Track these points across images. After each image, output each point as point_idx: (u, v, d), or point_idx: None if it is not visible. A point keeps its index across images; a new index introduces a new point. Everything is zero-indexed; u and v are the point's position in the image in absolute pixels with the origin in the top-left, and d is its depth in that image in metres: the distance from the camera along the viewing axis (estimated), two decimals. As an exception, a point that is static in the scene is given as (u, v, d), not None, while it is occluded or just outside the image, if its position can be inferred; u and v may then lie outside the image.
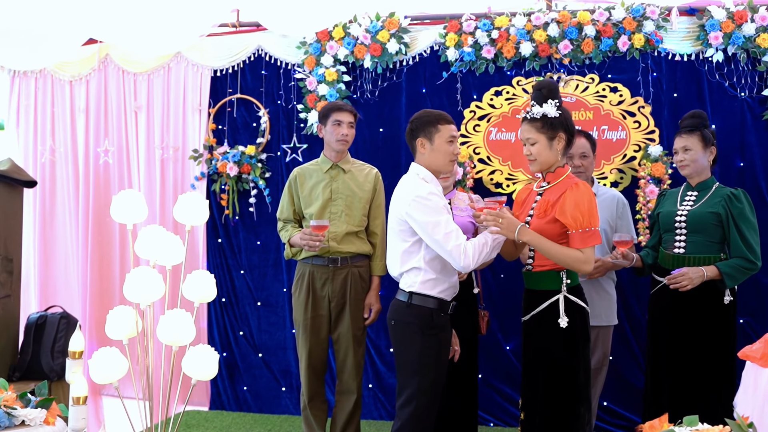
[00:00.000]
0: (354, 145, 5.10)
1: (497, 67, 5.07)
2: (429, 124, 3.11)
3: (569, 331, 2.95)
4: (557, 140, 3.05)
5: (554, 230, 3.00)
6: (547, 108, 3.00)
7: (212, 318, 5.52)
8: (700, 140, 3.63)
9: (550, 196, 3.06)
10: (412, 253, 3.08)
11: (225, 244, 5.52)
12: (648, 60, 4.86)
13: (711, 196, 3.64)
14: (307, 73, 5.29)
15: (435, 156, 3.11)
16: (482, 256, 2.97)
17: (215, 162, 5.40)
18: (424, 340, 3.03)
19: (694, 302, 3.53)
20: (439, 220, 2.95)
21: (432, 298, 3.07)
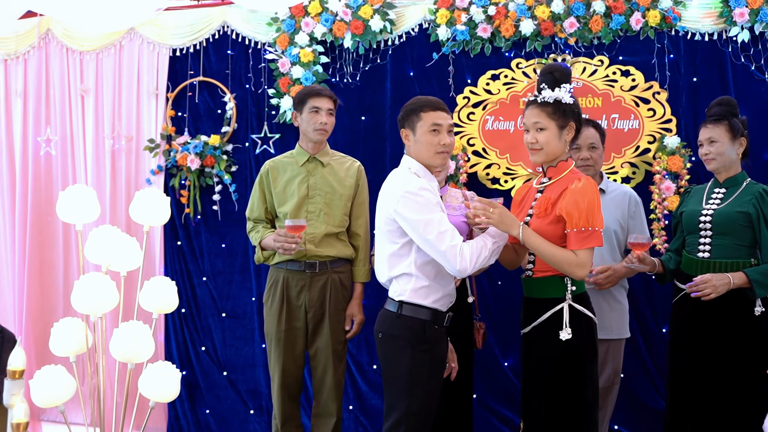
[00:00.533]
0: (333, 135, 5.02)
1: (494, 48, 5.07)
2: (412, 112, 3.14)
3: (574, 345, 2.96)
4: (567, 130, 3.07)
5: (556, 232, 3.01)
6: (560, 93, 3.03)
7: (170, 331, 5.50)
8: (727, 131, 3.65)
9: (551, 193, 3.07)
10: (402, 257, 3.09)
11: (185, 247, 5.51)
12: (664, 40, 4.87)
13: (741, 194, 3.64)
14: (280, 53, 5.27)
15: (419, 148, 3.12)
16: (480, 259, 2.97)
17: (174, 154, 5.39)
18: (415, 356, 3.02)
19: (721, 313, 3.52)
20: (432, 218, 2.95)
21: (425, 308, 3.06)
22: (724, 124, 3.65)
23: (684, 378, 3.62)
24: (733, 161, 3.68)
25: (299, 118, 4.07)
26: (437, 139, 3.11)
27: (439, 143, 3.11)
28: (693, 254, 3.64)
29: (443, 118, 3.13)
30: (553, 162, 3.10)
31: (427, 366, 3.04)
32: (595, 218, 2.95)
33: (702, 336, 3.57)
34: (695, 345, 3.59)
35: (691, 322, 3.61)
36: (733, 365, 3.50)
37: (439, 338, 3.11)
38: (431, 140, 3.10)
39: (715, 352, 3.54)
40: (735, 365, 3.50)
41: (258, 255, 4.08)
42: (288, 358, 4.00)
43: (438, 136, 3.11)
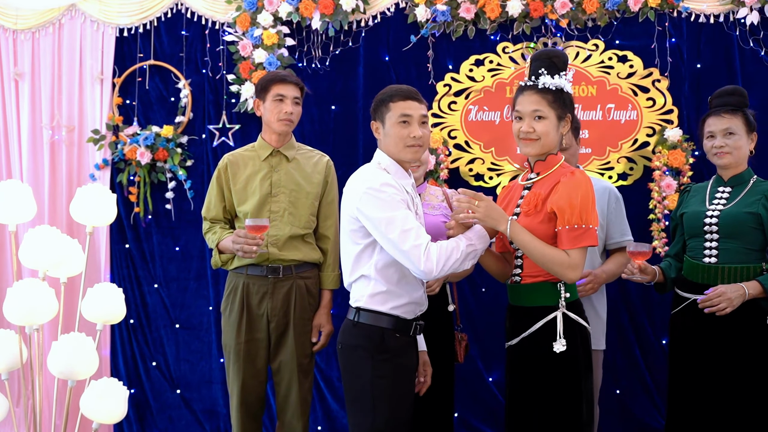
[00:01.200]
0: (300, 127, 5.06)
1: (478, 30, 5.09)
2: (381, 103, 3.16)
3: (569, 358, 2.96)
4: (564, 122, 3.10)
5: (547, 231, 3.02)
6: (562, 81, 3.07)
7: (117, 344, 5.45)
8: (744, 123, 3.66)
9: (541, 189, 3.07)
10: (364, 259, 3.11)
11: (134, 250, 5.47)
12: (665, 22, 4.90)
13: (748, 193, 3.65)
14: (240, 34, 5.25)
15: (388, 142, 3.15)
16: (450, 262, 2.97)
17: (122, 146, 5.34)
18: (374, 367, 3.03)
19: (731, 324, 3.52)
20: (394, 215, 2.96)
21: (383, 315, 3.07)
22: (740, 115, 3.65)
23: (687, 395, 3.63)
24: (745, 157, 3.71)
25: (262, 107, 4.05)
26: (407, 131, 3.11)
27: (408, 136, 3.11)
28: (697, 259, 3.66)
29: (414, 108, 3.12)
30: (542, 156, 3.12)
31: (389, 378, 3.03)
32: (590, 215, 2.97)
33: (709, 349, 3.58)
34: (701, 359, 3.59)
35: (697, 334, 3.61)
36: (744, 381, 3.51)
37: (403, 347, 3.10)
38: (400, 132, 3.11)
39: (724, 366, 3.54)
40: (746, 381, 3.51)
41: (215, 259, 4.07)
42: (248, 373, 3.99)
43: (408, 128, 3.11)
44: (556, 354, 2.95)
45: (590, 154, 4.95)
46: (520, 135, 3.10)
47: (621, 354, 4.93)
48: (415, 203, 3.18)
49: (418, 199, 3.26)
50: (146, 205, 5.41)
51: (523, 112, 3.08)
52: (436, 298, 3.71)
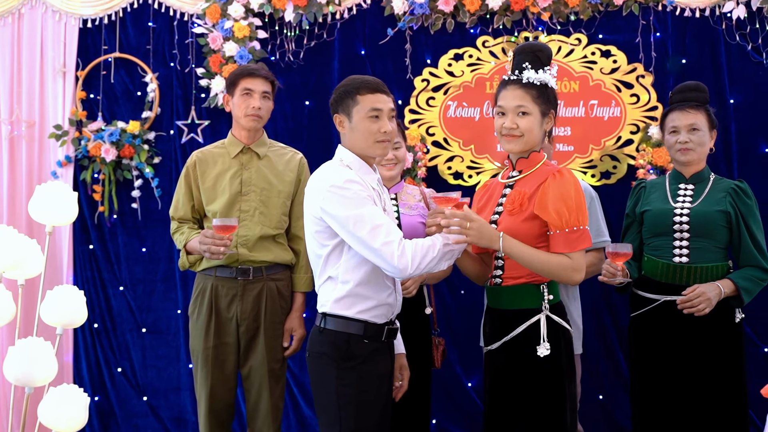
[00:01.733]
0: (272, 123, 5.12)
1: (458, 24, 5.07)
2: (346, 95, 3.08)
3: (553, 362, 2.95)
4: (548, 119, 3.08)
5: (532, 231, 2.99)
6: (546, 76, 3.06)
7: (80, 350, 5.41)
8: (707, 119, 3.71)
9: (524, 187, 3.05)
10: (331, 261, 3.06)
11: (99, 251, 5.43)
12: (650, 16, 4.91)
13: (712, 191, 3.71)
14: (210, 26, 5.23)
15: (355, 137, 3.07)
16: (426, 260, 2.91)
17: (85, 143, 5.30)
18: (340, 376, 3.00)
19: (701, 324, 3.57)
20: (362, 212, 2.91)
21: (350, 320, 3.02)
22: (703, 111, 3.71)
23: (656, 399, 3.64)
24: (706, 154, 3.76)
25: (231, 102, 4.02)
26: (377, 125, 3.04)
27: (379, 130, 3.04)
28: (666, 259, 3.66)
29: (384, 102, 3.06)
30: (525, 153, 3.10)
31: (355, 386, 2.99)
32: (585, 216, 2.97)
33: (679, 351, 3.60)
34: (670, 362, 3.62)
35: (665, 337, 3.63)
36: (714, 381, 3.56)
37: (371, 354, 3.04)
38: (370, 127, 3.04)
39: (695, 367, 3.58)
40: (717, 381, 3.56)
41: (182, 260, 4.01)
42: (217, 379, 3.94)
43: (378, 122, 3.04)
44: (539, 358, 2.93)
45: (572, 151, 4.94)
46: (502, 131, 3.07)
47: (604, 359, 4.93)
48: (382, 199, 3.13)
49: (386, 195, 3.21)
50: (111, 204, 5.37)
51: (506, 108, 3.05)
52: (412, 301, 3.68)
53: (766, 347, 4.79)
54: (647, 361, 3.69)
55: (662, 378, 3.63)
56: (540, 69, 3.05)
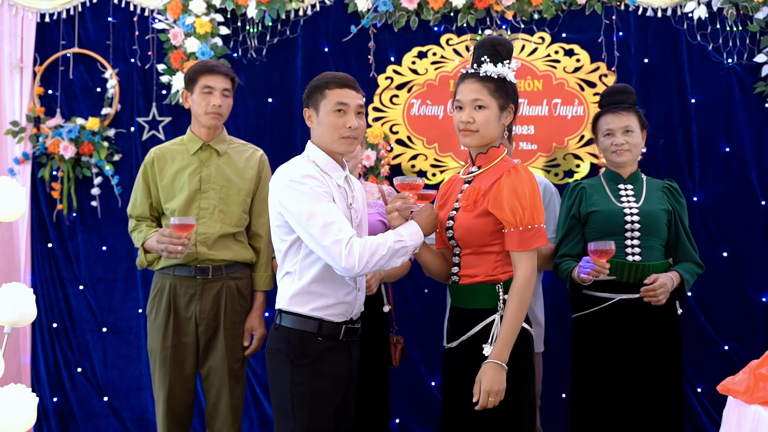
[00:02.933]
0: (234, 120, 5.11)
1: (421, 22, 5.08)
2: (316, 89, 3.11)
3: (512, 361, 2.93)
4: (507, 113, 3.08)
5: (485, 227, 2.99)
6: (504, 70, 3.05)
7: (38, 350, 5.36)
8: (639, 121, 3.86)
9: (481, 183, 3.05)
10: (290, 256, 3.08)
11: (57, 250, 5.38)
12: (612, 15, 4.93)
13: (649, 190, 3.85)
14: (171, 22, 5.19)
15: (321, 131, 3.10)
16: (375, 258, 2.91)
17: (43, 139, 5.26)
18: (294, 372, 3.01)
19: (648, 320, 3.67)
20: (316, 209, 2.92)
21: (305, 318, 3.04)
22: (634, 112, 3.85)
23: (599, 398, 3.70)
24: (639, 154, 3.92)
25: (190, 99, 3.98)
26: (342, 120, 3.07)
27: (344, 126, 3.07)
28: (620, 258, 3.70)
29: (351, 97, 3.09)
30: (483, 148, 3.09)
31: (308, 384, 3.01)
32: (540, 213, 2.96)
33: (626, 349, 3.66)
34: (616, 360, 3.67)
35: (613, 336, 3.68)
36: (656, 373, 3.66)
37: (327, 352, 3.06)
38: (335, 122, 3.06)
39: (640, 362, 3.65)
40: (659, 373, 3.66)
41: (140, 258, 3.97)
42: (175, 379, 3.90)
43: (343, 117, 3.07)
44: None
45: (536, 150, 4.95)
46: (459, 126, 3.07)
47: (567, 356, 4.92)
48: (349, 196, 3.14)
49: (357, 192, 3.22)
50: (70, 201, 5.32)
51: (463, 101, 3.06)
52: (371, 299, 3.66)
53: (726, 345, 4.82)
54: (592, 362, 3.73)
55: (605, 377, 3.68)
56: (499, 62, 3.05)
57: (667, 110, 4.92)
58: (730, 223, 4.84)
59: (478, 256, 3.03)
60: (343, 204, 3.07)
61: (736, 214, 4.79)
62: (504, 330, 2.92)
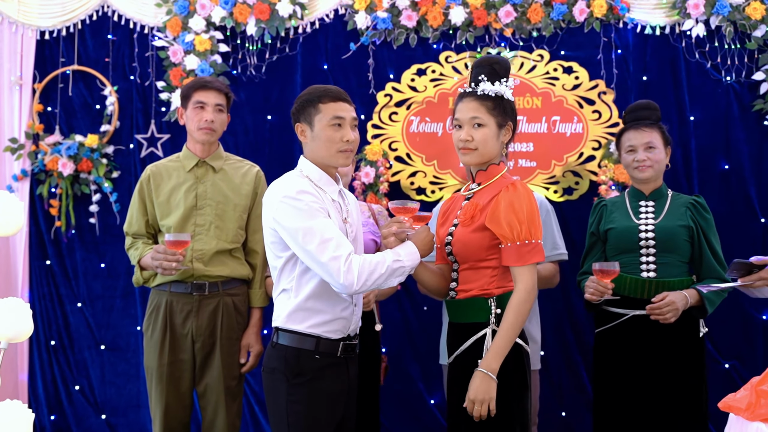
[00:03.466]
0: (233, 137, 5.16)
1: (420, 39, 5.10)
2: (308, 104, 3.06)
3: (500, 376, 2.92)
4: (505, 131, 3.09)
5: (482, 242, 2.99)
6: (502, 88, 3.07)
7: (35, 367, 5.36)
8: (662, 137, 3.82)
9: (479, 199, 3.06)
10: (285, 273, 3.05)
11: (56, 267, 5.39)
12: (611, 33, 4.95)
13: (672, 206, 3.80)
14: (171, 39, 5.22)
15: (317, 146, 3.06)
16: (374, 277, 2.89)
17: (42, 156, 5.27)
18: (290, 391, 2.98)
19: (666, 338, 3.63)
20: (312, 224, 2.89)
21: (302, 335, 3.01)
22: (657, 129, 3.82)
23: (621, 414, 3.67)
24: (663, 170, 3.85)
25: (184, 115, 3.98)
26: (339, 134, 3.04)
27: (341, 139, 3.04)
28: (635, 274, 3.70)
29: (346, 110, 3.07)
30: (483, 165, 3.10)
31: (305, 403, 2.97)
32: (537, 229, 2.96)
33: (644, 366, 3.64)
34: (635, 377, 3.65)
35: (631, 352, 3.66)
36: (678, 394, 3.61)
37: (324, 370, 3.03)
38: (332, 135, 3.03)
39: (660, 381, 3.62)
40: (680, 394, 3.61)
41: (137, 276, 3.96)
42: (172, 397, 3.88)
43: (340, 131, 3.04)
44: None
45: (535, 167, 4.94)
46: (459, 144, 3.08)
47: (567, 375, 4.92)
48: (344, 210, 3.12)
49: (351, 206, 3.20)
50: (68, 218, 5.33)
51: (462, 120, 3.06)
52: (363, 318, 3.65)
53: (727, 363, 4.81)
54: (612, 377, 3.71)
55: (625, 393, 3.66)
56: (497, 81, 3.06)
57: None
58: (729, 240, 4.72)
59: (475, 271, 3.03)
60: (338, 218, 3.05)
61: (736, 231, 4.75)
62: (497, 340, 2.91)
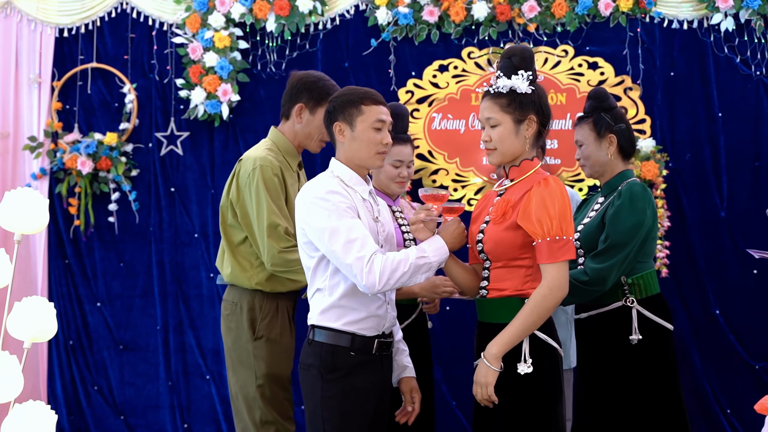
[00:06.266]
0: (254, 136, 5.08)
1: (442, 35, 5.08)
2: (350, 104, 3.07)
3: (535, 381, 2.87)
4: (526, 124, 3.00)
5: (515, 240, 2.93)
6: (516, 81, 2.98)
7: (54, 367, 5.38)
8: (591, 129, 3.55)
9: (512, 195, 3.00)
10: (319, 272, 3.05)
11: (75, 266, 5.40)
12: (637, 27, 4.93)
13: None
14: (190, 36, 5.22)
15: (356, 146, 3.08)
16: (397, 275, 2.89)
17: (61, 155, 5.28)
18: (325, 387, 2.99)
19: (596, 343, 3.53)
20: (339, 225, 2.91)
21: (336, 331, 3.01)
22: (588, 122, 3.56)
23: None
24: (605, 163, 3.54)
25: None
26: (380, 137, 3.06)
27: (380, 142, 3.06)
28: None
29: (386, 114, 3.10)
30: (515, 162, 3.04)
31: (338, 398, 2.98)
32: (569, 225, 2.90)
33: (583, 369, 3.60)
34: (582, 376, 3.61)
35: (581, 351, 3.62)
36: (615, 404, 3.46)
37: (358, 367, 3.02)
38: (374, 138, 3.05)
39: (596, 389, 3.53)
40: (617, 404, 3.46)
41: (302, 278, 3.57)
42: None
43: (380, 133, 3.07)
44: (520, 376, 2.87)
45: (559, 165, 4.91)
46: (482, 145, 3.08)
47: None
48: (374, 210, 3.11)
49: (383, 207, 3.20)
50: (87, 217, 5.33)
51: (481, 121, 3.04)
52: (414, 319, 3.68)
53: (757, 364, 4.75)
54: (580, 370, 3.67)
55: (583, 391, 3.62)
56: (513, 74, 3.00)
57: (694, 124, 4.90)
58: (760, 239, 4.74)
59: (508, 269, 2.98)
60: (368, 218, 3.05)
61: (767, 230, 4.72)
62: (506, 328, 2.87)
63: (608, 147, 3.52)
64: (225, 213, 3.60)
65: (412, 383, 3.25)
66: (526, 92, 2.98)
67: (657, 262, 4.70)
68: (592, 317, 3.47)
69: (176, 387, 5.28)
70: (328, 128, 3.14)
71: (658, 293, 3.50)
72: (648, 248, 3.48)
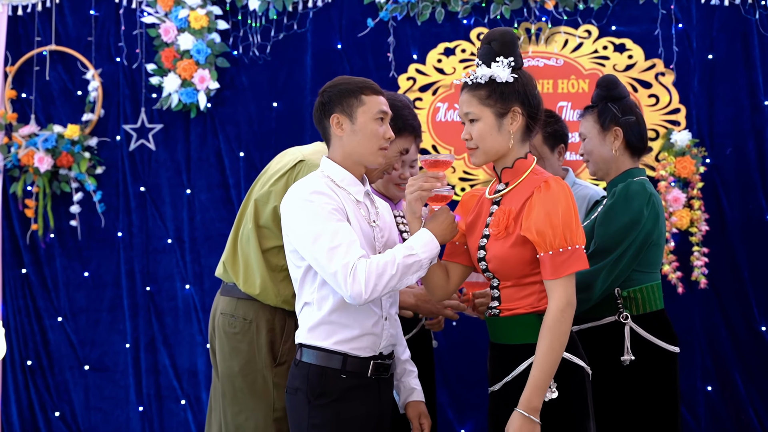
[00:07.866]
0: (235, 128, 5.13)
1: (448, 13, 4.98)
2: (349, 93, 2.99)
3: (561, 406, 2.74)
4: (510, 118, 2.83)
5: (523, 257, 2.76)
6: (496, 69, 2.82)
7: (9, 391, 5.27)
8: (596, 121, 3.40)
9: (511, 204, 2.84)
10: (307, 283, 2.96)
11: (33, 276, 5.29)
12: (671, 5, 4.81)
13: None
14: (162, 15, 5.10)
15: (357, 141, 2.99)
16: (384, 280, 2.77)
17: (16, 150, 5.17)
18: (312, 414, 2.91)
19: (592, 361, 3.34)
20: (322, 229, 2.81)
21: (328, 352, 2.92)
22: (591, 113, 3.41)
23: None
24: (609, 160, 3.39)
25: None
26: (382, 130, 2.98)
27: (383, 135, 2.98)
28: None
29: (387, 106, 3.03)
30: (506, 162, 2.90)
31: (327, 426, 2.90)
32: (575, 233, 2.75)
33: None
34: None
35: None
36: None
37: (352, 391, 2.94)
38: (377, 131, 2.96)
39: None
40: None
41: None
42: None
43: (383, 126, 3.00)
44: (545, 403, 2.71)
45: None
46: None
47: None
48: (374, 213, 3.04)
49: (385, 210, 3.13)
50: (46, 221, 5.23)
51: (461, 116, 2.92)
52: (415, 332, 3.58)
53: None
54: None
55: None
56: (492, 61, 2.81)
57: (736, 114, 4.78)
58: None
59: (521, 287, 2.84)
60: (362, 221, 2.98)
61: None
62: (534, 372, 2.71)
63: (613, 141, 3.38)
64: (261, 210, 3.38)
65: (420, 408, 3.20)
66: (507, 81, 2.83)
67: (695, 272, 4.66)
68: (583, 331, 3.31)
69: (148, 412, 5.20)
70: (321, 122, 3.07)
71: (660, 310, 3.34)
72: (650, 257, 3.31)
